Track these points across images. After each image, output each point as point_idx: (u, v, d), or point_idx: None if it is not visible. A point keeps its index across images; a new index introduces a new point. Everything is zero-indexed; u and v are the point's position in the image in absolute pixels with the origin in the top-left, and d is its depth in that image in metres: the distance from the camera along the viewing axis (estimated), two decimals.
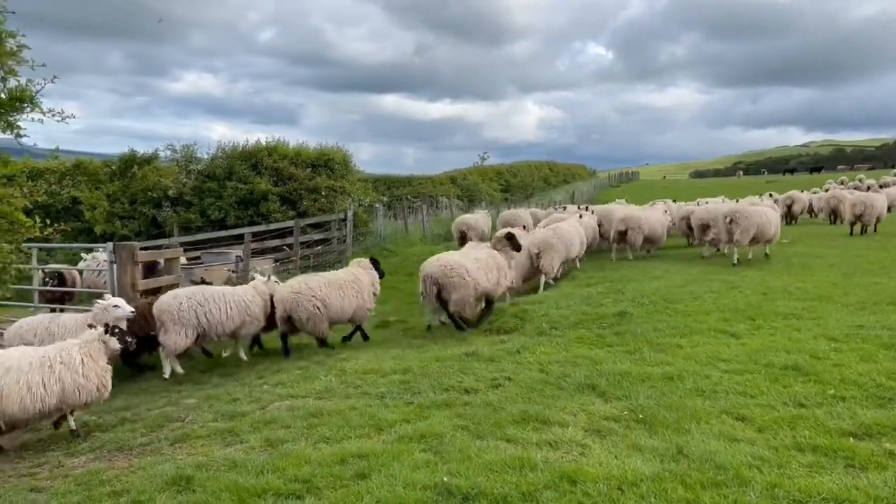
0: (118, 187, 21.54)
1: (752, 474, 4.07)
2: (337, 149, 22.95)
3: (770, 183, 60.61)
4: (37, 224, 2.81)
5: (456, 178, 49.81)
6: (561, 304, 10.25)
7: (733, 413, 5.24)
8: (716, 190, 44.07)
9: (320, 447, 5.07)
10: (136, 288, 9.80)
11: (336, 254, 19.51)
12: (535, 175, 65.83)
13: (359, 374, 7.36)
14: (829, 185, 37.61)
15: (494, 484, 4.03)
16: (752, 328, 8.07)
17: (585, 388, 6.08)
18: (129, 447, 5.87)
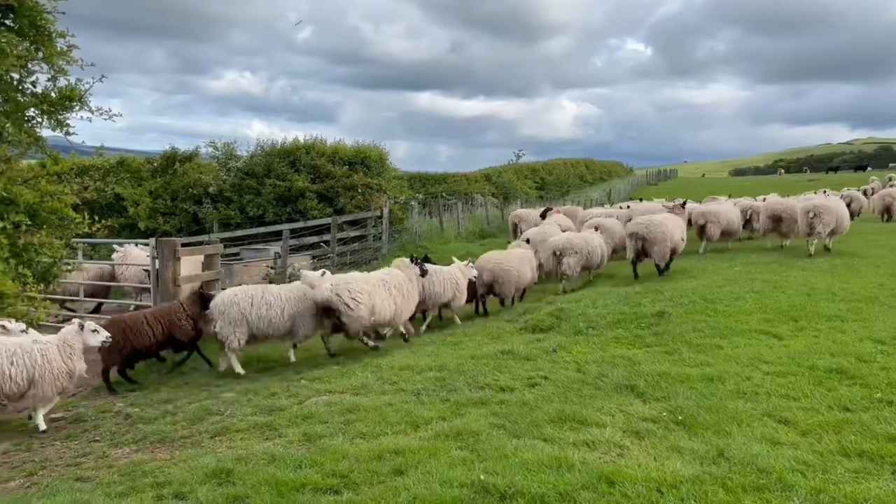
0: (160, 184, 21.96)
1: (796, 479, 3.99)
2: (373, 146, 23.07)
3: (812, 181, 59.20)
4: (85, 220, 2.88)
5: (491, 176, 49.70)
6: (598, 303, 10.17)
7: (776, 416, 5.13)
8: (757, 188, 43.19)
9: (357, 443, 5.10)
10: (178, 283, 9.97)
11: (372, 251, 19.64)
12: (571, 173, 65.31)
13: (395, 371, 7.40)
14: (874, 183, 36.59)
15: (531, 483, 4.02)
16: (796, 329, 7.90)
17: (623, 388, 6.02)
18: (170, 439, 5.98)
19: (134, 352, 8.62)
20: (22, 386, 6.80)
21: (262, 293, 9.13)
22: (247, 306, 8.94)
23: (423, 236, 23.43)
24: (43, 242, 2.56)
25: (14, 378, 6.70)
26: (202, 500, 4.25)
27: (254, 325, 8.94)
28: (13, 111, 3.00)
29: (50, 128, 3.12)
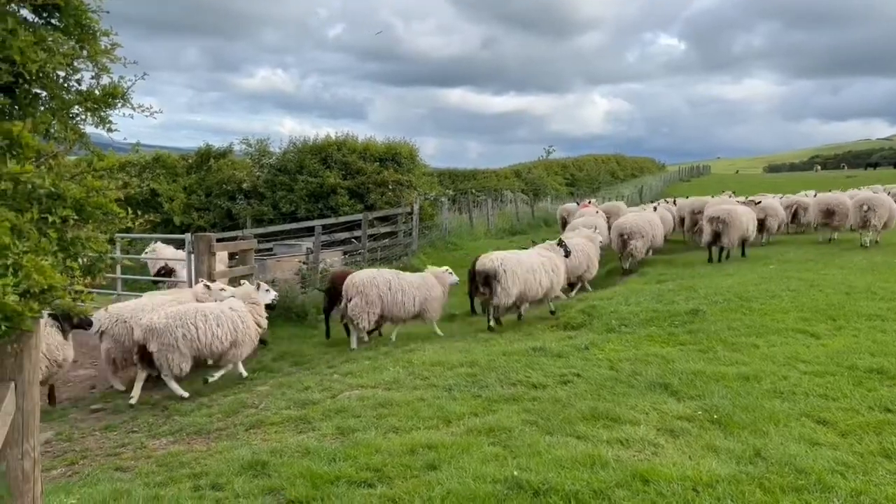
0: (195, 180, 22.27)
1: (836, 480, 3.92)
2: (404, 143, 23.13)
3: (850, 177, 57.93)
4: (128, 215, 2.94)
5: (520, 172, 49.53)
6: (631, 300, 10.08)
7: (814, 416, 5.05)
8: (792, 185, 42.38)
9: (390, 437, 5.13)
10: (213, 277, 10.12)
11: (402, 247, 19.71)
12: (602, 169, 64.78)
13: (426, 366, 7.42)
14: None
15: (565, 480, 4.00)
16: (834, 329, 7.75)
17: (657, 386, 5.97)
18: (206, 431, 6.08)
19: None
20: (225, 346, 8.01)
21: (396, 278, 10.16)
22: (385, 289, 9.95)
23: (452, 233, 23.45)
24: (89, 237, 2.62)
25: (221, 339, 7.93)
26: (238, 491, 4.31)
27: (387, 307, 9.92)
28: (59, 108, 3.06)
29: (93, 125, 3.18)
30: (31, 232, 2.40)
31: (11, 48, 2.64)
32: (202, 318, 7.88)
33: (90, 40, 3.17)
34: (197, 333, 7.78)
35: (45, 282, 2.27)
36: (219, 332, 7.91)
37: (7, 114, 2.82)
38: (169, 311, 7.89)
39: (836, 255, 14.40)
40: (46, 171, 2.57)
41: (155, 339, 7.63)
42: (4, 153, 2.51)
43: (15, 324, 2.24)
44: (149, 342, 7.65)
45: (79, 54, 3.13)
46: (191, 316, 7.85)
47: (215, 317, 7.96)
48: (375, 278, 10.01)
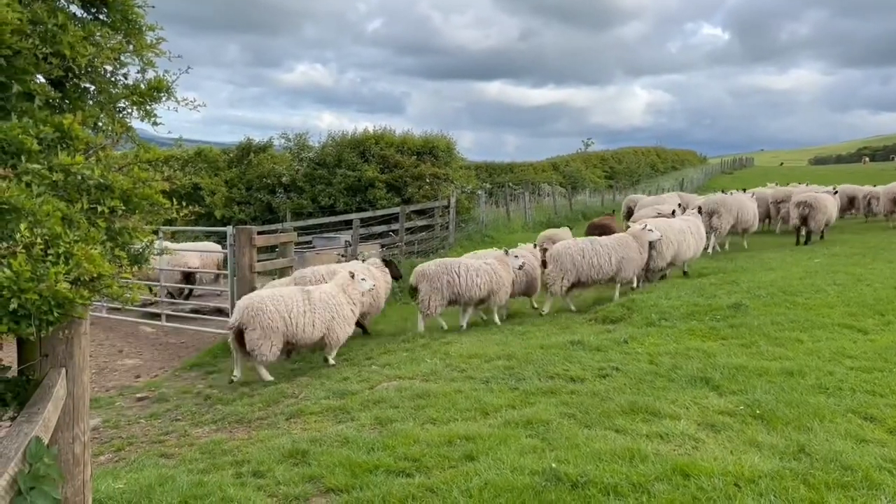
0: (235, 174, 22.61)
1: (883, 477, 3.82)
2: (441, 136, 23.14)
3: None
4: (174, 206, 3.01)
5: (558, 165, 49.18)
6: (671, 294, 9.95)
7: (861, 412, 4.92)
8: (838, 177, 41.26)
9: (428, 428, 5.16)
10: (253, 269, 10.28)
11: (439, 240, 19.75)
12: (642, 161, 63.95)
13: (463, 359, 7.44)
14: None
15: (604, 473, 3.98)
16: (882, 324, 7.54)
17: (698, 381, 5.88)
18: (247, 420, 6.20)
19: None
20: (320, 332, 8.33)
21: (590, 244, 11.02)
22: (578, 257, 10.82)
23: (489, 226, 23.40)
24: (136, 227, 2.69)
25: (316, 326, 8.24)
26: (279, 478, 4.39)
27: (583, 273, 10.79)
28: (107, 102, 3.13)
29: (139, 118, 3.25)
30: (81, 222, 2.47)
31: (61, 43, 2.71)
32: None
33: (136, 35, 3.24)
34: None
35: (94, 270, 2.33)
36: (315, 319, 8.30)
37: (57, 107, 2.91)
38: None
39: (884, 249, 14.00)
40: (95, 163, 2.64)
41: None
42: (56, 145, 2.58)
43: (66, 311, 2.31)
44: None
45: (125, 49, 3.20)
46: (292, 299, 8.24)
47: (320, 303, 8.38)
48: (570, 248, 11.00)
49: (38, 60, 2.67)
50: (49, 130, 2.52)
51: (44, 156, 2.46)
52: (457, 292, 10.13)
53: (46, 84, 2.83)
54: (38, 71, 2.74)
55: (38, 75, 2.79)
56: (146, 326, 12.37)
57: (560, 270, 10.79)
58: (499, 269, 10.35)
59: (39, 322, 2.26)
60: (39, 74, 2.80)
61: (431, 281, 10.09)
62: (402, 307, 13.20)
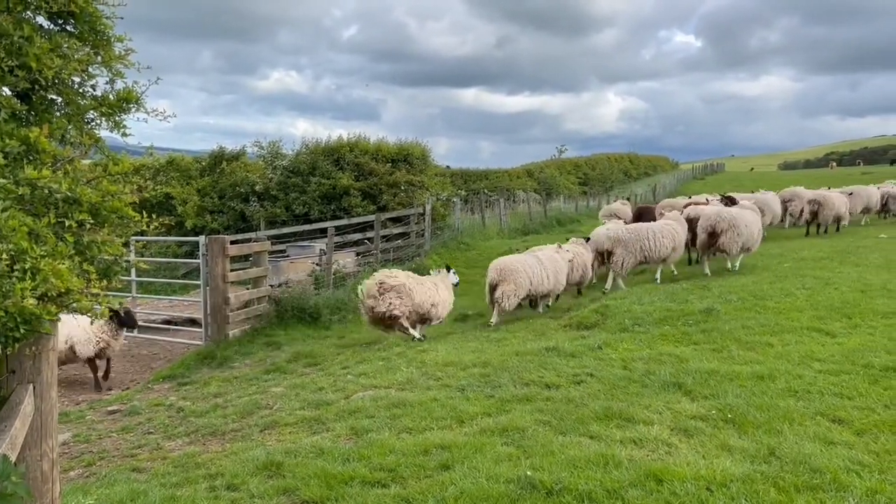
0: (208, 182, 22.40)
1: (851, 479, 3.89)
2: (416, 143, 23.16)
3: (866, 174, 57.35)
4: (143, 218, 2.98)
5: (533, 172, 49.46)
6: (644, 299, 10.05)
7: (829, 415, 5.02)
8: (807, 182, 41.97)
9: (403, 437, 5.15)
10: (227, 279, 10.20)
11: (415, 247, 19.73)
12: (615, 168, 64.56)
13: (439, 367, 7.44)
14: None
15: (578, 480, 4.00)
16: (849, 327, 7.69)
17: (671, 386, 5.94)
18: (221, 432, 6.13)
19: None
20: (552, 285, 11.39)
21: (652, 228, 12.87)
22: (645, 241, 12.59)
23: (465, 233, 23.44)
24: (105, 240, 2.65)
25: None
26: (254, 491, 4.35)
27: (647, 253, 12.61)
28: (75, 114, 3.10)
29: (108, 129, 3.22)
30: (48, 236, 2.44)
31: (27, 55, 2.68)
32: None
33: (104, 46, 3.21)
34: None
35: (62, 285, 2.31)
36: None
37: (24, 120, 2.87)
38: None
39: (850, 253, 14.28)
40: (63, 176, 2.61)
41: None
42: (22, 159, 2.55)
43: (33, 327, 2.28)
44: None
45: (93, 60, 3.17)
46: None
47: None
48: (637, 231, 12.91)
49: (3, 73, 2.64)
50: (15, 144, 2.49)
51: (9, 169, 2.43)
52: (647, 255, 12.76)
53: (12, 97, 2.80)
54: (3, 83, 2.71)
55: (3, 88, 2.76)
56: None
57: (628, 252, 12.70)
58: (678, 229, 13.01)
59: (6, 339, 2.23)
60: (5, 87, 2.77)
61: (626, 245, 12.68)
62: None
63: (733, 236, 12.71)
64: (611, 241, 12.74)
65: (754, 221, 13.43)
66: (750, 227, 13.01)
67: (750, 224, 13.06)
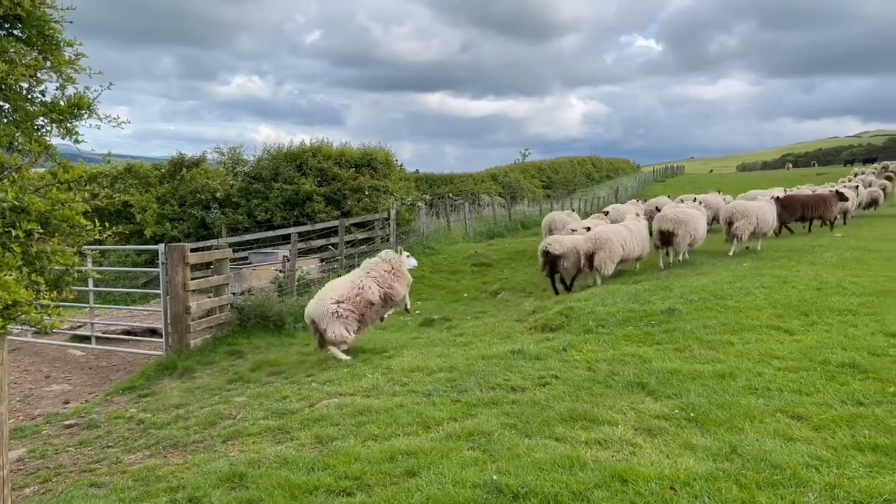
0: (167, 190, 22.04)
1: (810, 474, 3.96)
2: (380, 148, 23.10)
3: (821, 174, 58.91)
4: (96, 227, 2.89)
5: (497, 176, 49.71)
6: (607, 301, 10.14)
7: (788, 412, 5.11)
8: (764, 183, 42.95)
9: (369, 445, 5.11)
10: (187, 288, 10.02)
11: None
12: (578, 171, 65.25)
13: (405, 372, 7.40)
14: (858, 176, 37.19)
15: (544, 483, 4.01)
16: (807, 324, 7.85)
17: (634, 386, 6.00)
18: (183, 444, 6.01)
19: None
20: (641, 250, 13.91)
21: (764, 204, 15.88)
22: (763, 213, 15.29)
23: (430, 237, 23.44)
24: (55, 250, 2.57)
25: (638, 247, 13.77)
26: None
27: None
28: (23, 120, 3.01)
29: (59, 136, 3.13)
30: None
31: None
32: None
33: (54, 51, 3.13)
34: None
35: (9, 297, 2.23)
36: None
37: None
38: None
39: (807, 252, 14.62)
40: (10, 185, 2.53)
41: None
42: None
43: None
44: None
45: (42, 65, 3.08)
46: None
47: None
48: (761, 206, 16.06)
49: None
50: None
51: None
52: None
53: None
54: None
55: None
56: (75, 350, 11.89)
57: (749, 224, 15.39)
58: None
59: None
60: None
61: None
62: None
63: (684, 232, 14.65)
64: (672, 223, 14.50)
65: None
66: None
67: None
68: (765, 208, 16.63)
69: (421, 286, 17.63)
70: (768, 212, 16.59)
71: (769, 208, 16.87)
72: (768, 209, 16.75)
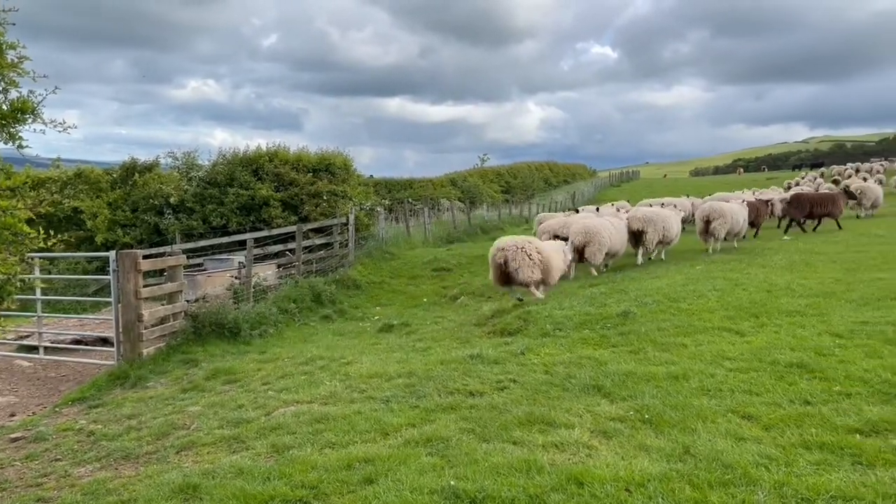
0: (119, 195, 21.53)
1: (760, 473, 4.06)
2: (338, 153, 22.94)
3: (771, 179, 60.52)
4: (40, 235, 2.81)
5: (456, 181, 49.89)
6: (564, 304, 10.25)
7: (739, 412, 5.23)
8: (716, 187, 43.94)
9: (326, 452, 5.06)
10: (139, 296, 9.80)
11: (338, 258, 19.52)
12: (536, 176, 65.90)
13: (363, 379, 7.36)
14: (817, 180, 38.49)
15: (501, 487, 4.02)
16: (757, 326, 8.05)
17: (590, 388, 6.08)
18: (135, 455, 5.87)
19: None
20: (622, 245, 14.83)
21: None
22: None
23: (389, 242, 23.36)
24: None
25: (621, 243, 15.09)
26: None
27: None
28: None
29: (2, 141, 3.03)
30: None
31: None
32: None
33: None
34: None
35: None
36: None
37: None
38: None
39: (757, 255, 14.99)
40: None
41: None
42: None
43: None
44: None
45: None
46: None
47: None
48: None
49: None
50: None
51: None
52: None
53: None
54: None
55: None
56: (22, 360, 11.51)
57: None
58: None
59: None
60: None
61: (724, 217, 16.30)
62: (302, 328, 12.94)
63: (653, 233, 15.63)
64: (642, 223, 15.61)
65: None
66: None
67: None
68: (737, 210, 17.51)
69: (380, 291, 17.56)
70: (740, 213, 17.51)
71: (741, 210, 17.82)
72: (740, 211, 17.67)
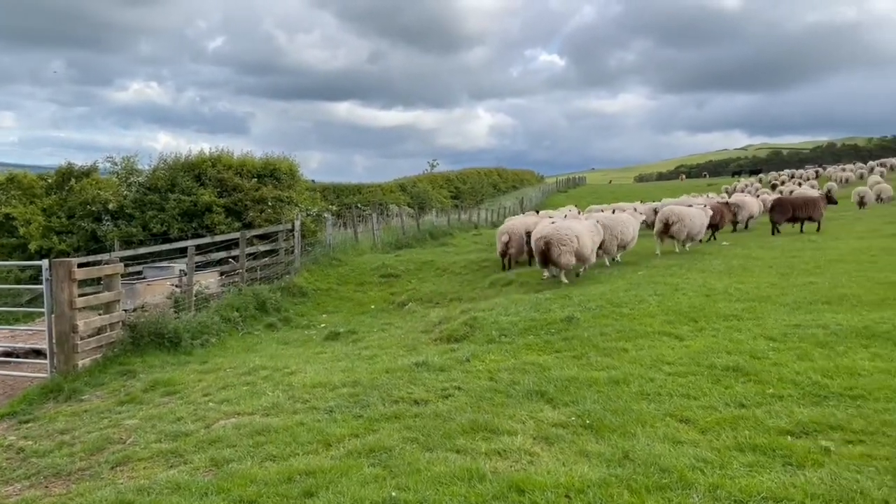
0: (55, 201, 20.80)
1: (696, 476, 4.15)
2: (283, 158, 22.64)
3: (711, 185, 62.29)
4: None
5: (406, 186, 49.83)
6: (510, 310, 10.31)
7: (677, 415, 5.33)
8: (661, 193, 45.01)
9: (266, 465, 4.97)
10: (74, 306, 9.47)
11: (284, 265, 19.25)
12: (485, 181, 66.31)
13: (307, 389, 7.26)
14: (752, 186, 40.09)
15: (443, 497, 4.01)
16: (695, 330, 8.25)
17: (534, 394, 6.12)
18: (66, 472, 5.65)
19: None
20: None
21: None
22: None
23: (337, 248, 23.13)
24: None
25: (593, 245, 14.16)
26: None
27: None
28: None
29: None
30: None
31: None
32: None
33: None
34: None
35: None
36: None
37: None
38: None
39: (696, 260, 15.37)
40: None
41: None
42: None
43: None
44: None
45: None
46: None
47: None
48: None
49: None
50: None
51: None
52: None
53: None
54: None
55: None
56: None
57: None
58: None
59: None
60: None
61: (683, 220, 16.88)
62: (246, 337, 12.71)
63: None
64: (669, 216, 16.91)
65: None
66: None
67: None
68: (695, 214, 17.92)
69: (327, 299, 17.39)
70: (697, 217, 17.86)
71: (699, 214, 18.19)
72: (698, 215, 18.05)
